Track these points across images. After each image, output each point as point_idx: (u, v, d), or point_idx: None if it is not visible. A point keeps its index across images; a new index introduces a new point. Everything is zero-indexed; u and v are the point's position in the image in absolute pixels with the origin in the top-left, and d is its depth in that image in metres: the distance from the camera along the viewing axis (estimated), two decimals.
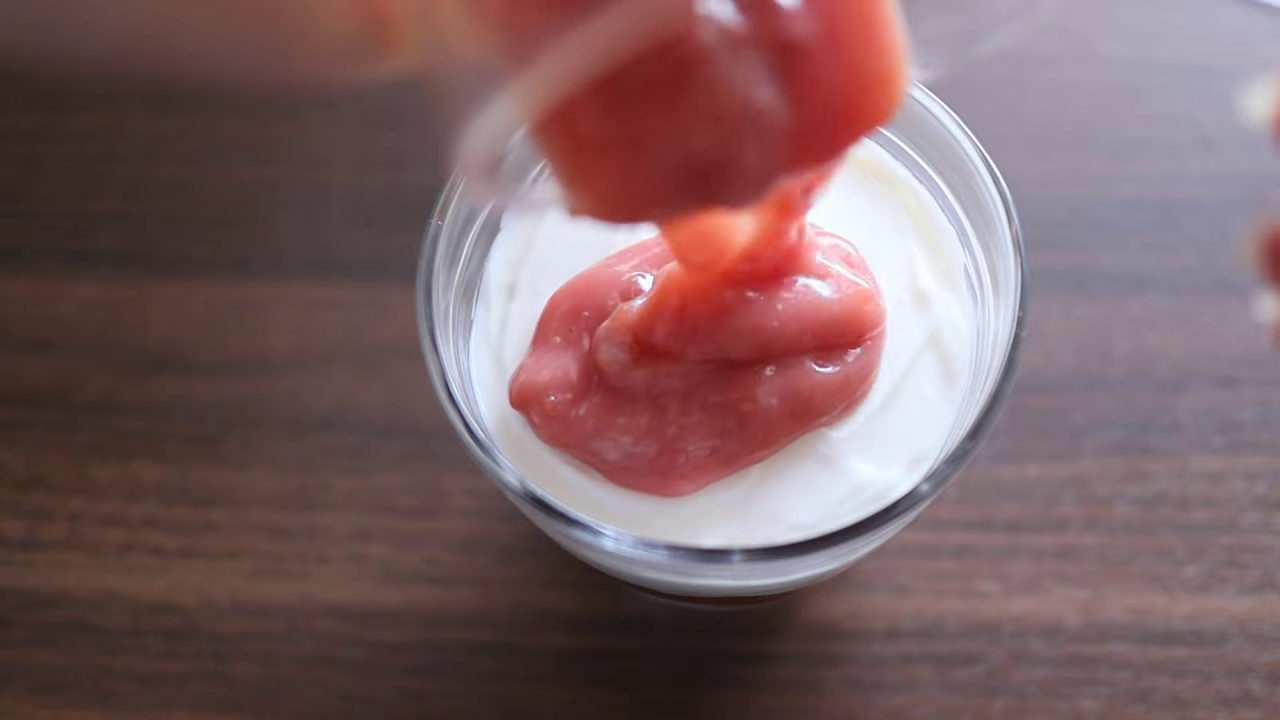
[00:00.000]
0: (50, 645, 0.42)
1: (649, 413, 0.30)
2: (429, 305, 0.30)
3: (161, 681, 0.41)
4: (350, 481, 0.44)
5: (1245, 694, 0.40)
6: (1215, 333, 0.46)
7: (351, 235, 0.49)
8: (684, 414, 0.30)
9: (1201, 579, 0.42)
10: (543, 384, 0.31)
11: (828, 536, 0.27)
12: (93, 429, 0.46)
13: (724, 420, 0.30)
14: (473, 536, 0.43)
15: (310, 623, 0.42)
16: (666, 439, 0.30)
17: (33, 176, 0.51)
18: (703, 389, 0.30)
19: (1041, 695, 0.40)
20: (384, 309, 0.47)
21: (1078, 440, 0.44)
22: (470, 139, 0.18)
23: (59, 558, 0.44)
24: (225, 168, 0.51)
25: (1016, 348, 0.29)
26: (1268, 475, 0.43)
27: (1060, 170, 0.49)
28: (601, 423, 0.30)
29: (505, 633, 0.42)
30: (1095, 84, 0.51)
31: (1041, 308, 0.46)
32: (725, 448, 0.30)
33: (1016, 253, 0.30)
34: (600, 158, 0.21)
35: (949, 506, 0.43)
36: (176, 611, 0.43)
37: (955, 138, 0.32)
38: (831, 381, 0.30)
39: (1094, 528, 0.43)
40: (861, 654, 0.41)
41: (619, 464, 0.30)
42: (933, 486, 0.28)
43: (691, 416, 0.30)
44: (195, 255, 0.49)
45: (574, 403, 0.30)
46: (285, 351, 0.47)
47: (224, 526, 0.44)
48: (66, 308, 0.48)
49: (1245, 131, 0.53)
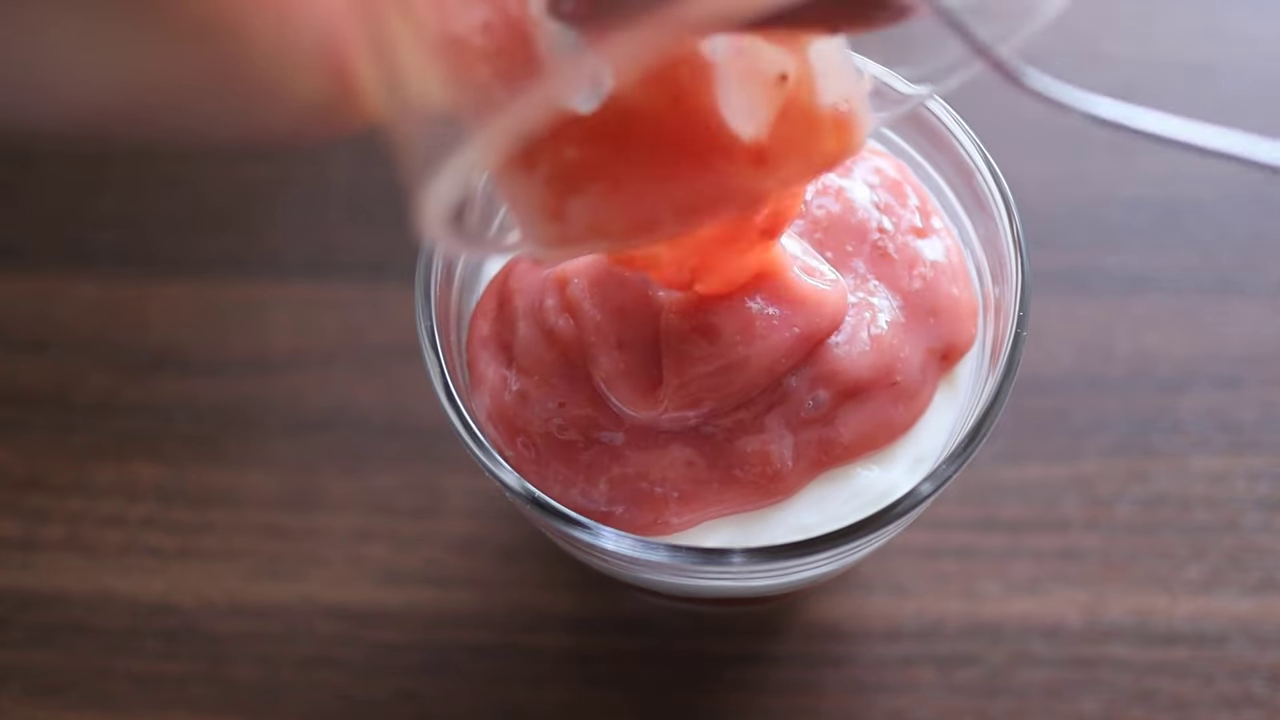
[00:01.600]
0: (48, 646, 0.42)
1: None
2: (428, 305, 0.30)
3: (160, 682, 0.41)
4: (349, 482, 0.44)
5: (1247, 695, 0.40)
6: (1217, 332, 0.46)
7: (351, 235, 0.49)
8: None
9: (1203, 580, 0.42)
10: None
11: (828, 536, 0.27)
12: (91, 429, 0.46)
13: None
14: (472, 537, 0.43)
15: (309, 623, 0.42)
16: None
17: (31, 176, 0.51)
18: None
19: (1043, 696, 0.40)
20: (383, 309, 0.47)
21: (1079, 441, 0.44)
22: (433, 191, 0.18)
23: (57, 558, 0.43)
24: (224, 168, 0.50)
25: (1017, 348, 0.29)
26: (1269, 475, 0.43)
27: (1061, 170, 0.49)
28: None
29: (505, 633, 0.42)
30: (1097, 83, 0.51)
31: (1042, 307, 0.46)
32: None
33: (1017, 252, 0.30)
34: (574, 195, 0.21)
35: (950, 507, 0.43)
36: (175, 612, 0.42)
37: (956, 137, 0.31)
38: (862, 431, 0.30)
39: (1095, 528, 0.43)
40: (862, 655, 0.41)
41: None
42: (933, 487, 0.27)
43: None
44: (194, 255, 0.49)
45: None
46: (284, 351, 0.47)
47: (223, 527, 0.44)
48: (65, 307, 0.48)
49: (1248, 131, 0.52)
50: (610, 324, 0.29)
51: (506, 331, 0.31)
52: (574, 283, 0.30)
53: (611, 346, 0.29)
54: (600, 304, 0.29)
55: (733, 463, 0.29)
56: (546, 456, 0.30)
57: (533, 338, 0.30)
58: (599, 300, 0.30)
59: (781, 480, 0.29)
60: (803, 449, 0.29)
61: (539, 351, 0.30)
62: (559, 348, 0.30)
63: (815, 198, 0.31)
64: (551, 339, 0.30)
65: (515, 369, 0.31)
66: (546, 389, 0.30)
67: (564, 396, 0.30)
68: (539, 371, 0.30)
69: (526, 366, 0.30)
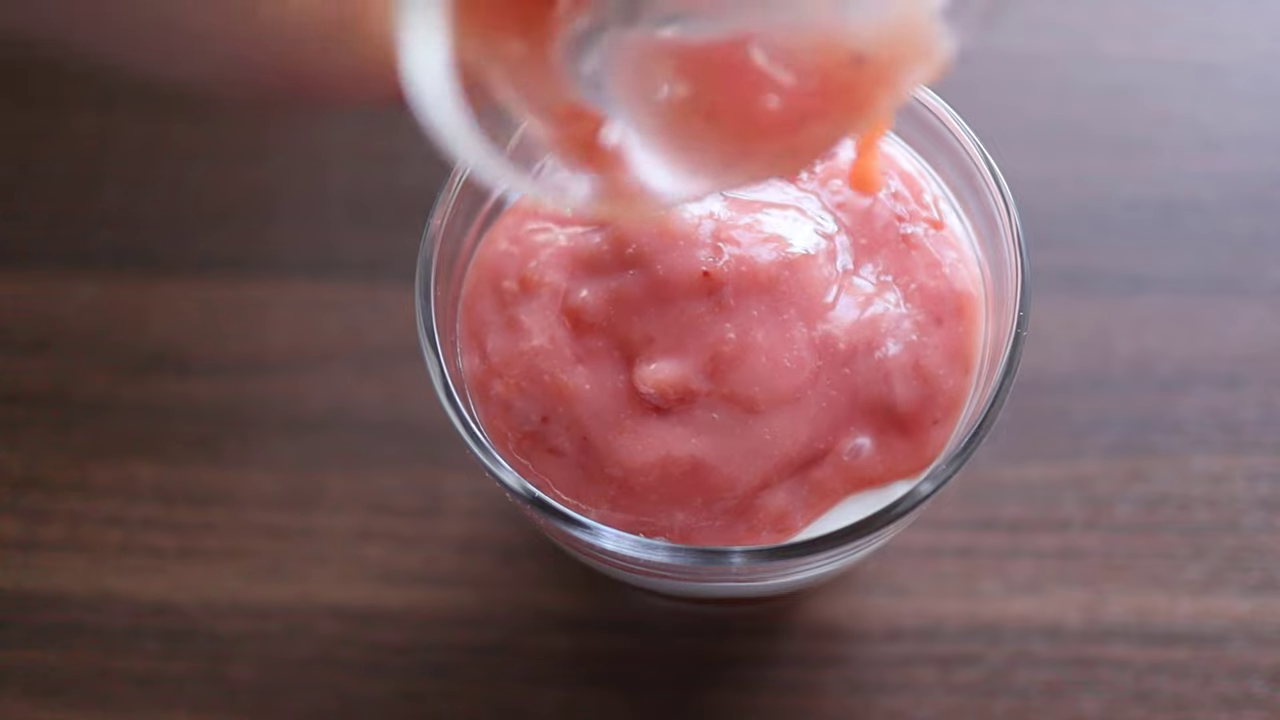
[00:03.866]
0: (48, 646, 0.42)
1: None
2: (427, 305, 0.30)
3: (160, 682, 0.41)
4: (349, 482, 0.44)
5: (1247, 695, 0.40)
6: (1217, 332, 0.46)
7: (350, 235, 0.49)
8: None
9: (1203, 580, 0.42)
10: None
11: (828, 537, 0.27)
12: (91, 429, 0.46)
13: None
14: (472, 537, 0.43)
15: (309, 623, 0.42)
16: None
17: (31, 177, 0.51)
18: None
19: (1043, 696, 0.40)
20: (383, 309, 0.47)
21: (1079, 440, 0.44)
22: (412, 40, 0.17)
23: (57, 558, 0.43)
24: (223, 167, 0.50)
25: (1017, 347, 0.29)
26: (1270, 475, 0.43)
27: (1062, 169, 0.49)
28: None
29: (504, 633, 0.42)
30: (1097, 82, 0.51)
31: (1042, 307, 0.46)
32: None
33: (1017, 251, 0.30)
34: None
35: (950, 507, 0.43)
36: (175, 612, 0.42)
37: (957, 136, 0.31)
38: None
39: (1095, 528, 0.43)
40: (862, 655, 0.41)
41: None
42: (933, 486, 0.27)
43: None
44: (194, 255, 0.49)
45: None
46: (284, 351, 0.47)
47: (223, 527, 0.44)
48: (65, 308, 0.48)
49: (1248, 131, 0.52)
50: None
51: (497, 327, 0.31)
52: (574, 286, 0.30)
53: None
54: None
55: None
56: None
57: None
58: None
59: (789, 518, 0.29)
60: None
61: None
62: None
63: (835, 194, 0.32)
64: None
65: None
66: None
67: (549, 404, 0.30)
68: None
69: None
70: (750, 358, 0.28)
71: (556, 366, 0.30)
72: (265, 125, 0.51)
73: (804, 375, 0.28)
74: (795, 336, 0.29)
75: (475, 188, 0.32)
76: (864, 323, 0.29)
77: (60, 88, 0.52)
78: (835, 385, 0.29)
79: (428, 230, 0.30)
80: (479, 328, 0.31)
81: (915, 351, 0.30)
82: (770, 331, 0.28)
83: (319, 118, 0.51)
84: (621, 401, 0.29)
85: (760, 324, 0.28)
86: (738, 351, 0.28)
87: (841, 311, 0.29)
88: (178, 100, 0.52)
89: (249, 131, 0.51)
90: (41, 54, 0.50)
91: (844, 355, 0.29)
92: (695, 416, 0.28)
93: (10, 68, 0.52)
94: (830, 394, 0.29)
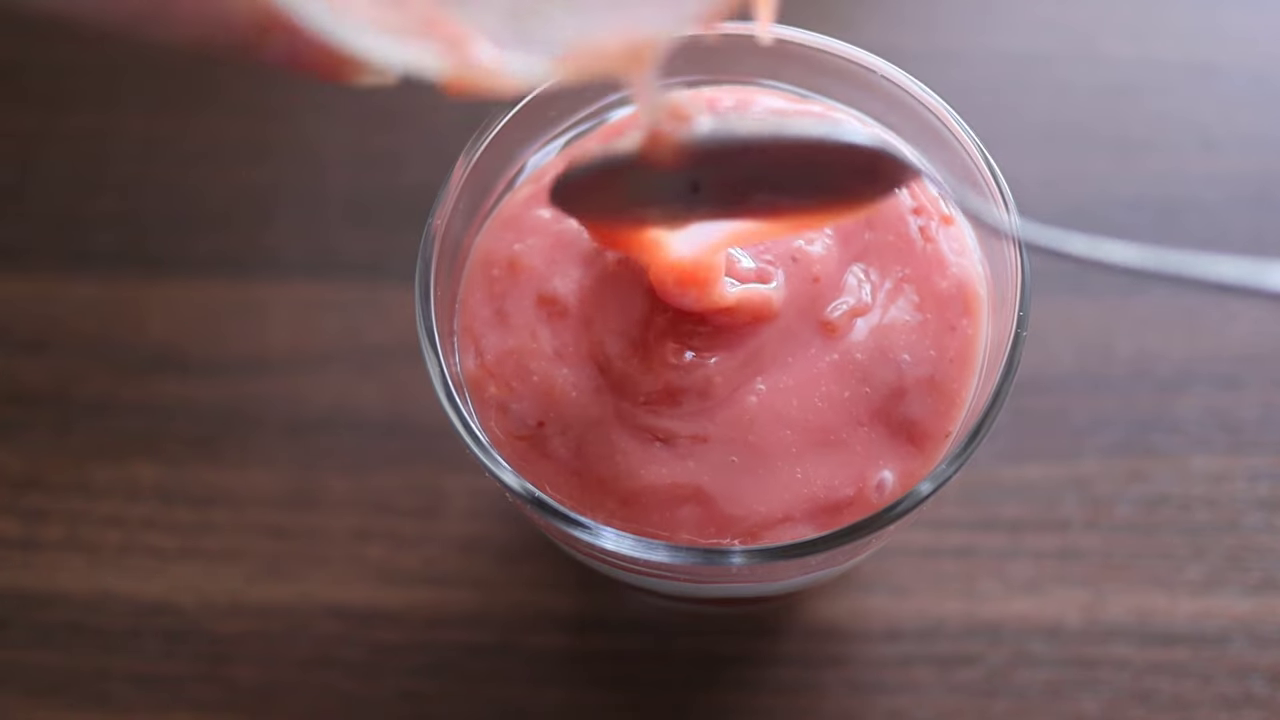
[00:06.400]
0: (48, 646, 0.42)
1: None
2: (427, 305, 0.30)
3: (160, 683, 0.41)
4: (349, 482, 0.44)
5: (1247, 695, 0.40)
6: (1217, 332, 0.46)
7: (350, 235, 0.49)
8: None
9: (1203, 580, 0.42)
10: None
11: (828, 537, 0.27)
12: (91, 429, 0.46)
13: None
14: (472, 537, 0.43)
15: (310, 623, 0.42)
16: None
17: (30, 177, 0.51)
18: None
19: (1043, 696, 0.40)
20: (382, 309, 0.47)
21: (1079, 440, 0.44)
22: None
23: (57, 558, 0.43)
24: (223, 167, 0.50)
25: (1017, 347, 0.29)
26: (1270, 475, 0.43)
27: (1061, 169, 0.49)
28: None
29: (504, 633, 0.42)
30: (1097, 82, 0.51)
31: (1042, 307, 0.46)
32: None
33: (1017, 252, 0.30)
34: None
35: (950, 507, 0.43)
36: (175, 612, 0.42)
37: (957, 136, 0.31)
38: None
39: (1095, 528, 0.43)
40: (862, 655, 0.41)
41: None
42: (933, 486, 0.27)
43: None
44: (193, 255, 0.49)
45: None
46: (284, 351, 0.47)
47: (223, 527, 0.44)
48: (64, 308, 0.48)
49: (1248, 131, 0.52)
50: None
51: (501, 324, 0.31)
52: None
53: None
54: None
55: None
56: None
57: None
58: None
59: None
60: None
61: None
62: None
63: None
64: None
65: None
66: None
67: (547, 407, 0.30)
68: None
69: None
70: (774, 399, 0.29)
71: (545, 366, 0.30)
72: (265, 124, 0.51)
73: (831, 411, 0.29)
74: (819, 367, 0.29)
75: (475, 188, 0.32)
76: (880, 330, 0.30)
77: (60, 88, 0.52)
78: (858, 406, 0.29)
79: (428, 230, 0.30)
80: (473, 323, 0.31)
81: (932, 366, 0.30)
82: (796, 363, 0.30)
83: (318, 118, 0.51)
84: (621, 423, 0.29)
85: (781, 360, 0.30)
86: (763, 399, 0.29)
87: (857, 327, 0.30)
88: (177, 99, 0.52)
89: (249, 131, 0.51)
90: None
91: (863, 368, 0.29)
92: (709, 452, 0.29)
93: (10, 68, 0.52)
94: (854, 415, 0.29)
